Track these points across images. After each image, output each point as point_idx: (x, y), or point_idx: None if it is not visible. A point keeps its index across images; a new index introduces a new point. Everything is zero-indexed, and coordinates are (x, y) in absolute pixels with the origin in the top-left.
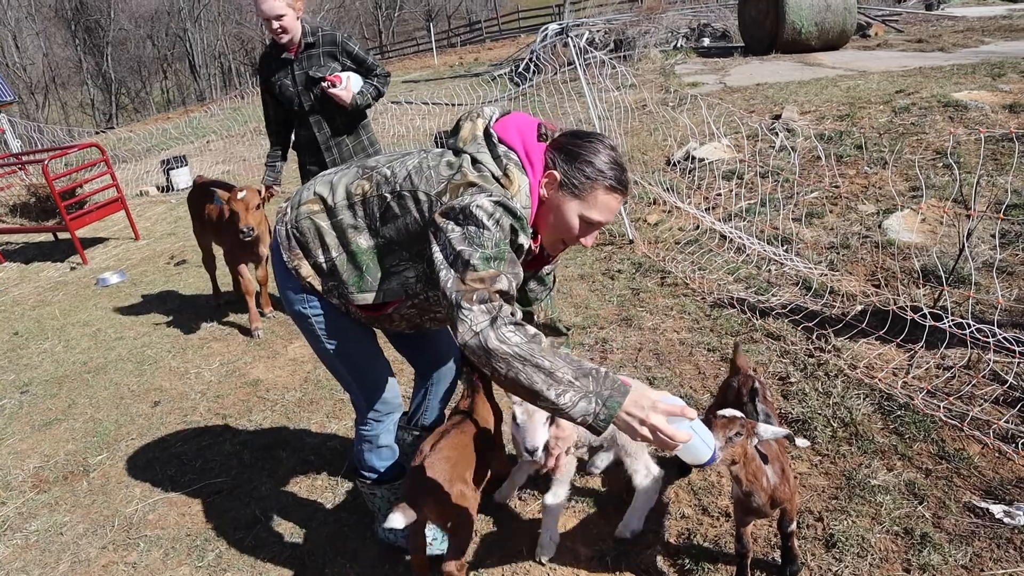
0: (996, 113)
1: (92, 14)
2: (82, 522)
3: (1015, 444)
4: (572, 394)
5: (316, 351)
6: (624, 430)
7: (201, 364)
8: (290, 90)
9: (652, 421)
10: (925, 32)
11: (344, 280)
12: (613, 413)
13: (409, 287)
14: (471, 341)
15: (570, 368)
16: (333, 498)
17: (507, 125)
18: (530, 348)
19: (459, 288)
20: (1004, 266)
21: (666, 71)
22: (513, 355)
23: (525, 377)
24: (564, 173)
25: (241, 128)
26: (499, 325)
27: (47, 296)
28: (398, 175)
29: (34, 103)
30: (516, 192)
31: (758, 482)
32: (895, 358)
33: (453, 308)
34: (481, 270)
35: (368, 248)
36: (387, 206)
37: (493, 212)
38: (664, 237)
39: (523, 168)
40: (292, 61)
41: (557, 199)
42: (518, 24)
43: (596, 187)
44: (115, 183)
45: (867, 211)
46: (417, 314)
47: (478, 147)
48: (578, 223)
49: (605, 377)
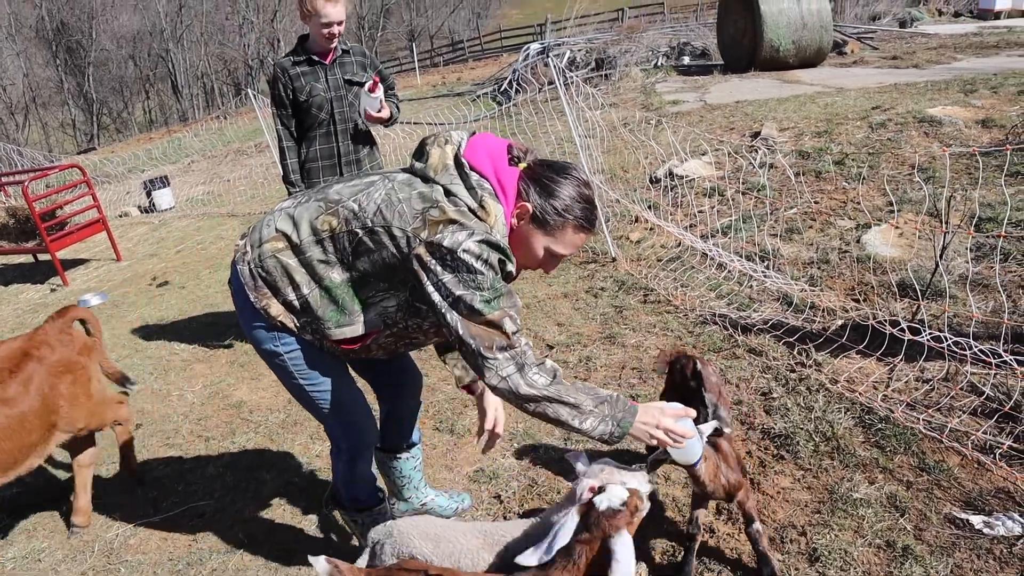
0: (969, 128)
1: (73, 34)
2: (61, 548)
3: (993, 455)
4: (592, 420)
5: (288, 387)
6: (639, 437)
7: (184, 386)
8: (320, 95)
9: (664, 424)
10: (899, 49)
11: (320, 316)
12: (626, 430)
13: (388, 317)
14: (500, 385)
15: (590, 399)
16: (317, 521)
17: (477, 150)
18: (556, 390)
19: (473, 334)
20: (980, 279)
21: (647, 89)
22: (543, 397)
23: (552, 412)
24: (537, 207)
25: (224, 148)
26: (526, 372)
27: (26, 319)
28: (367, 210)
29: (14, 123)
30: (494, 223)
31: (717, 480)
32: (875, 372)
33: (476, 356)
34: (487, 314)
35: (342, 282)
36: (359, 241)
37: (480, 253)
38: (647, 254)
39: (496, 197)
40: (326, 67)
41: (527, 231)
42: (500, 44)
43: (567, 225)
44: (96, 204)
45: (846, 226)
46: (394, 342)
47: (451, 178)
48: (543, 254)
49: (617, 401)
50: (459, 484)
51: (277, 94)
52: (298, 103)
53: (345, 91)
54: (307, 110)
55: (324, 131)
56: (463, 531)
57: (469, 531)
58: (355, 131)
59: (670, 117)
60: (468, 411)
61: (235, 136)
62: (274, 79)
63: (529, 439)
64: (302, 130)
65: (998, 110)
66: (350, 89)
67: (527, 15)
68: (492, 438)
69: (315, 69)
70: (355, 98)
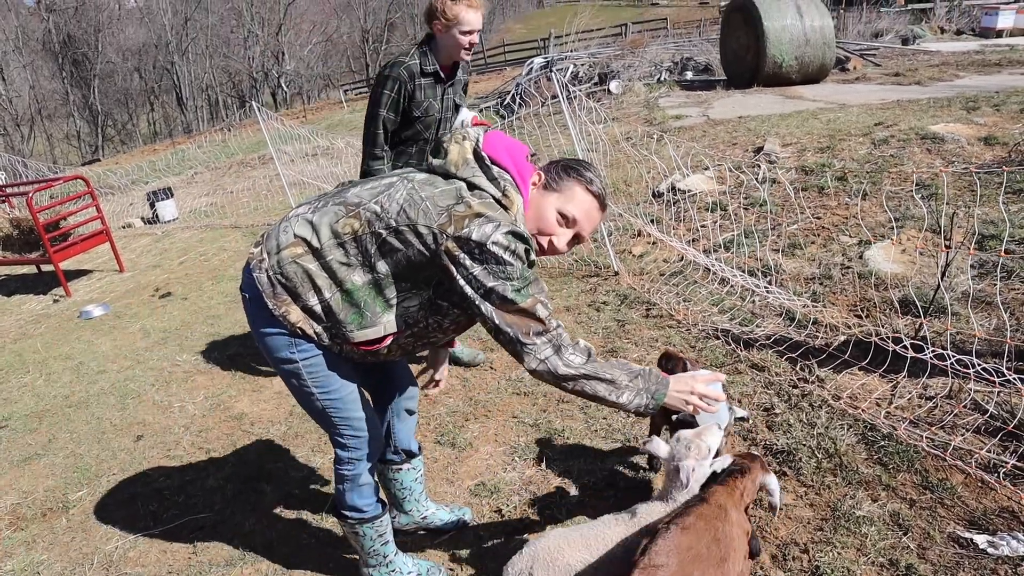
0: (972, 145)
1: (80, 47)
2: (60, 560)
3: (997, 473)
4: (628, 394)
5: (299, 395)
6: (675, 405)
7: (185, 398)
8: (434, 116)
9: (698, 390)
10: (902, 66)
11: (341, 319)
12: (660, 401)
13: (410, 316)
14: (539, 368)
15: (624, 374)
16: (317, 534)
17: (496, 146)
18: (593, 367)
19: (509, 322)
20: (982, 296)
21: (650, 104)
22: (580, 375)
23: (591, 388)
24: (548, 176)
25: (228, 160)
26: (563, 353)
27: (29, 329)
28: (389, 210)
29: (19, 135)
30: (516, 213)
31: None
32: (878, 388)
33: (514, 343)
34: (519, 302)
35: (364, 284)
36: (383, 241)
37: (508, 245)
38: (649, 269)
39: (517, 188)
40: (445, 85)
41: (537, 197)
42: (504, 58)
43: (574, 185)
44: (100, 215)
45: (848, 242)
46: (413, 342)
47: (472, 171)
48: (555, 217)
49: (650, 374)
50: (460, 498)
51: (392, 98)
52: (408, 116)
53: (452, 114)
54: (413, 124)
55: (418, 149)
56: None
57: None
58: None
59: (673, 132)
60: (469, 425)
61: (239, 148)
62: (393, 80)
63: (531, 453)
64: (394, 141)
65: (1000, 128)
66: (456, 113)
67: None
68: (435, 384)
69: (436, 86)
70: (451, 123)
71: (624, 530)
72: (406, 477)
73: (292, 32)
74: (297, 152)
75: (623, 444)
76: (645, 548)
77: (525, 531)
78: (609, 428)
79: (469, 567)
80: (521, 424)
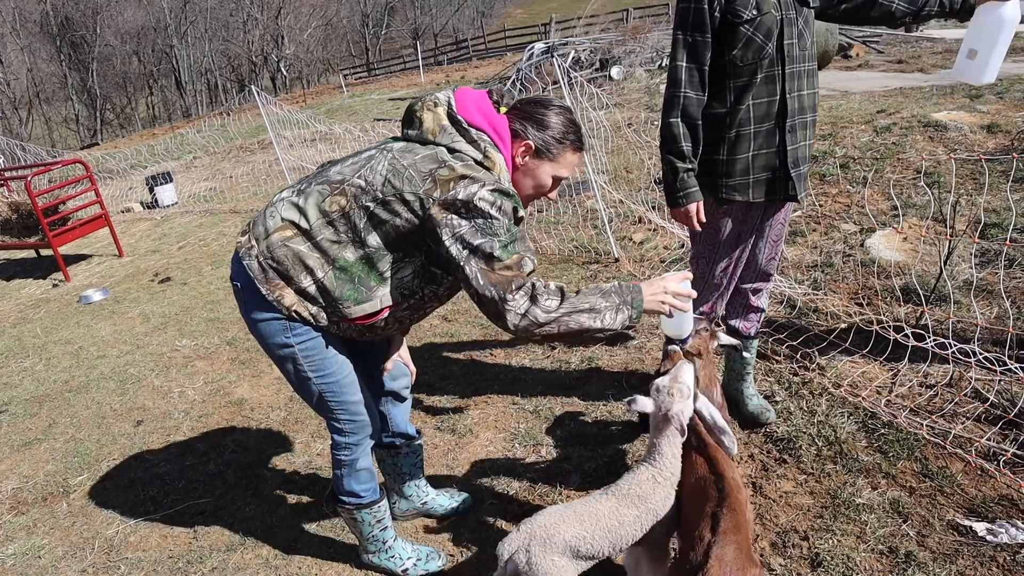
0: (975, 133)
1: (78, 30)
2: (61, 545)
3: (997, 462)
4: (610, 314)
5: (296, 380)
6: (653, 310)
7: (185, 383)
8: (771, 13)
9: (670, 288)
10: (905, 53)
11: (337, 296)
12: (640, 309)
13: (405, 287)
14: (521, 323)
15: (599, 297)
16: (317, 520)
17: (467, 106)
18: (570, 303)
19: (493, 281)
20: (984, 284)
21: (651, 90)
22: (560, 315)
23: (574, 323)
24: (538, 141)
25: (227, 145)
26: (539, 300)
27: (28, 313)
28: (374, 182)
29: (17, 118)
30: (499, 172)
31: (712, 388)
32: (879, 376)
33: (495, 303)
34: (506, 259)
35: (356, 260)
36: (371, 214)
37: (494, 200)
38: (650, 255)
39: (496, 147)
40: None
41: (533, 165)
42: (504, 43)
43: (565, 149)
44: (99, 199)
45: (850, 230)
46: (409, 315)
47: (451, 136)
48: (551, 182)
49: (620, 287)
50: (460, 484)
51: (699, 8)
52: (731, 27)
53: (796, 12)
54: (743, 40)
55: (765, 75)
56: (592, 501)
57: (598, 497)
58: (809, 78)
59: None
60: (469, 411)
61: (238, 132)
62: None
63: (531, 439)
64: (721, 75)
65: (1003, 116)
66: (801, 11)
67: (531, 14)
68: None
69: None
70: (806, 25)
71: (616, 502)
72: (405, 462)
73: (292, 15)
74: (296, 137)
75: (622, 429)
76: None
77: (525, 517)
78: (609, 414)
79: (469, 552)
80: (521, 410)
